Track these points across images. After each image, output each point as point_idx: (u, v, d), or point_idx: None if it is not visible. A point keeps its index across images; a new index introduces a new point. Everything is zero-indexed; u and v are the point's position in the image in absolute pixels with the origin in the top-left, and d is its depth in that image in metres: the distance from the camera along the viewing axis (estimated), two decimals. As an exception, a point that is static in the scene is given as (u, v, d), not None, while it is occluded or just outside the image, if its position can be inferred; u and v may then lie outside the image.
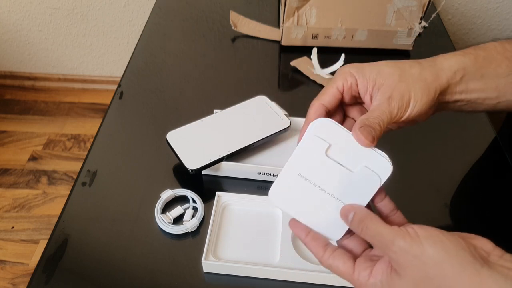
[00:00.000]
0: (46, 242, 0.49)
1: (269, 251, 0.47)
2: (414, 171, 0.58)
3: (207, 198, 0.53)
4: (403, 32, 0.77)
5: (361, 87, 0.41)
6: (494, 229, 0.53)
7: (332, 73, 0.72)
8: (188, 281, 0.46)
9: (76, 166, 1.41)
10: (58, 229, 0.50)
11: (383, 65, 0.41)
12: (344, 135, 0.37)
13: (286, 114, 0.60)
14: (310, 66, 0.74)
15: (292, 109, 0.61)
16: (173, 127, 0.57)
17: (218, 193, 0.51)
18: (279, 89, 0.73)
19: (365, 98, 0.41)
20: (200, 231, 0.50)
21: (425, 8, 0.75)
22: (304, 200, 0.38)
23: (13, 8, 1.45)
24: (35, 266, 0.47)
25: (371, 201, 0.38)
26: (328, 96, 0.41)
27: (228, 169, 0.55)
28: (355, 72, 0.41)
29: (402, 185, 0.57)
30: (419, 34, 0.77)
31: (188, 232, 0.50)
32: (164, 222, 0.50)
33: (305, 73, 0.74)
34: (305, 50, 0.77)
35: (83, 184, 0.55)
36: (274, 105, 0.61)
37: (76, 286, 0.45)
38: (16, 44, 1.56)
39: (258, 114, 0.60)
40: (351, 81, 0.40)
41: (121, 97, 0.69)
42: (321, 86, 0.72)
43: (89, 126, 1.55)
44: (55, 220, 0.51)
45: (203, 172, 0.55)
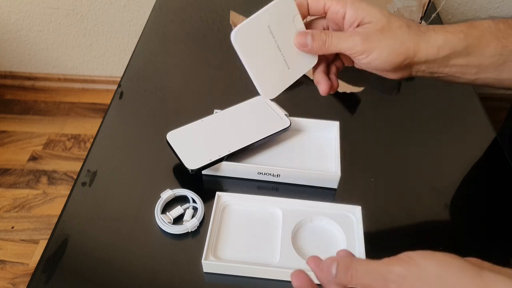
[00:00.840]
0: (46, 242, 0.49)
1: (269, 251, 0.47)
2: (414, 171, 0.58)
3: (207, 198, 0.53)
4: (403, 32, 0.77)
5: (347, 20, 0.43)
6: (494, 229, 0.53)
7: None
8: (188, 281, 0.46)
9: (76, 166, 1.41)
10: (58, 229, 0.50)
11: (377, 10, 0.42)
12: None
13: (286, 114, 0.60)
14: (310, 66, 0.74)
15: (292, 109, 0.61)
16: (173, 127, 0.57)
17: (218, 193, 0.51)
18: (279, 89, 0.73)
19: (344, 26, 0.44)
20: (200, 231, 0.50)
21: (425, 8, 0.75)
22: (261, 51, 0.41)
23: (13, 8, 1.45)
24: (35, 266, 0.47)
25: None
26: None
27: (228, 169, 0.55)
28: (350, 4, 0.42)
29: (402, 185, 0.57)
30: (419, 34, 0.77)
31: (188, 232, 0.50)
32: (164, 222, 0.50)
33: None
34: (305, 50, 0.77)
35: (83, 184, 0.55)
36: (274, 105, 0.61)
37: (76, 286, 0.45)
38: (16, 44, 1.56)
39: (258, 114, 0.60)
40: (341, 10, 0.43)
41: (121, 97, 0.69)
42: (321, 86, 0.72)
43: (89, 126, 1.55)
44: (55, 220, 0.51)
45: (203, 172, 0.55)
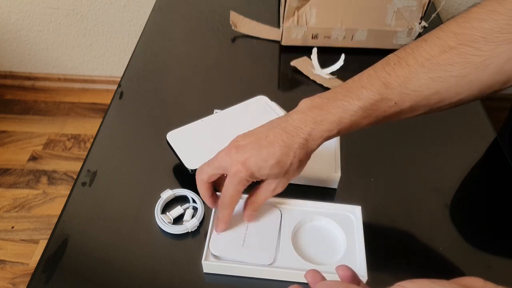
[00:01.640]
0: (46, 242, 0.49)
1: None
2: (414, 171, 0.58)
3: (207, 198, 0.53)
4: (403, 32, 0.77)
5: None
6: (494, 229, 0.53)
7: (332, 73, 0.72)
8: (188, 281, 0.46)
9: (76, 166, 1.41)
10: (58, 229, 0.50)
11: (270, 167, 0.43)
12: None
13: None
14: (310, 66, 0.74)
15: (292, 109, 0.61)
16: (173, 127, 0.57)
17: (218, 193, 0.51)
18: (279, 89, 0.73)
19: None
20: (200, 231, 0.50)
21: (425, 8, 0.75)
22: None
23: (13, 8, 1.45)
24: (35, 266, 0.47)
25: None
26: (236, 200, 0.46)
27: (228, 169, 0.55)
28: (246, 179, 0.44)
29: (402, 185, 0.57)
30: (419, 34, 0.77)
31: (188, 232, 0.50)
32: (164, 222, 0.50)
33: (305, 73, 0.74)
34: (305, 50, 0.77)
35: (83, 184, 0.55)
36: (274, 105, 0.61)
37: (76, 286, 0.45)
38: (16, 44, 1.56)
39: (258, 114, 0.60)
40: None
41: (121, 97, 0.69)
42: (321, 86, 0.72)
43: (89, 126, 1.55)
44: (55, 220, 0.51)
45: (203, 172, 0.55)
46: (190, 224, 0.49)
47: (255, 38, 0.83)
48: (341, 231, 0.49)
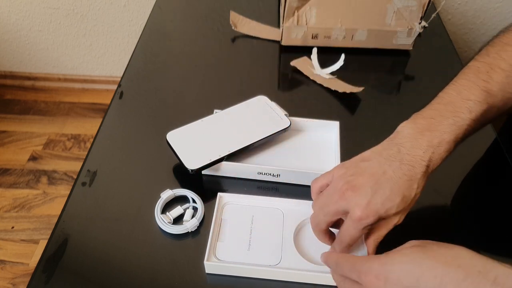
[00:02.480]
0: (46, 242, 0.49)
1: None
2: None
3: (207, 198, 0.53)
4: (403, 32, 0.77)
5: None
6: (494, 229, 0.53)
7: (332, 73, 0.72)
8: (188, 281, 0.46)
9: (76, 166, 1.41)
10: (58, 229, 0.50)
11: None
12: None
13: (286, 114, 0.60)
14: (310, 66, 0.74)
15: (292, 109, 0.61)
16: (173, 127, 0.57)
17: (219, 194, 0.51)
18: (279, 89, 0.73)
19: None
20: (200, 231, 0.50)
21: (425, 8, 0.75)
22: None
23: (13, 8, 1.45)
24: (35, 266, 0.47)
25: None
26: (354, 241, 0.43)
27: (228, 169, 0.55)
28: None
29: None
30: (419, 34, 0.77)
31: (188, 232, 0.50)
32: (164, 222, 0.50)
33: (305, 73, 0.74)
34: (305, 50, 0.77)
35: (83, 184, 0.55)
36: (274, 105, 0.61)
37: (76, 286, 0.45)
38: (16, 44, 1.56)
39: (258, 114, 0.60)
40: None
41: (121, 97, 0.69)
42: (321, 86, 0.72)
43: (89, 126, 1.55)
44: (55, 220, 0.51)
45: (203, 172, 0.55)
46: (190, 224, 0.49)
47: (255, 38, 0.83)
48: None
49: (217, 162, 0.54)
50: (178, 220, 0.51)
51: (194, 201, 0.53)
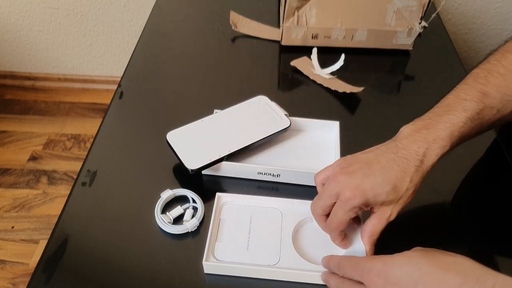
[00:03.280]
0: (46, 242, 0.49)
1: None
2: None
3: (207, 198, 0.53)
4: (403, 32, 0.77)
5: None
6: (494, 229, 0.53)
7: (332, 73, 0.72)
8: (188, 281, 0.46)
9: (76, 166, 1.41)
10: (58, 229, 0.50)
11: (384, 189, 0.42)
12: None
13: (286, 114, 0.60)
14: (310, 66, 0.74)
15: (292, 109, 0.61)
16: (173, 127, 0.57)
17: (218, 194, 0.51)
18: (279, 89, 0.73)
19: None
20: (200, 231, 0.50)
21: (425, 8, 0.75)
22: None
23: (13, 8, 1.45)
24: (35, 266, 0.47)
25: None
26: (344, 225, 0.44)
27: (228, 169, 0.55)
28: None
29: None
30: (419, 34, 0.77)
31: (188, 232, 0.50)
32: (164, 222, 0.50)
33: (305, 73, 0.74)
34: (305, 50, 0.77)
35: (83, 184, 0.55)
36: (274, 105, 0.61)
37: (76, 286, 0.45)
38: (16, 44, 1.56)
39: (258, 114, 0.60)
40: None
41: (121, 97, 0.69)
42: (321, 86, 0.72)
43: (89, 126, 1.55)
44: (55, 220, 0.51)
45: (203, 172, 0.55)
46: (190, 224, 0.49)
47: (255, 38, 0.83)
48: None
49: (217, 162, 0.54)
50: (178, 220, 0.51)
51: (194, 201, 0.53)
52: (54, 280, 0.45)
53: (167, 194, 0.52)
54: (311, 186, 0.55)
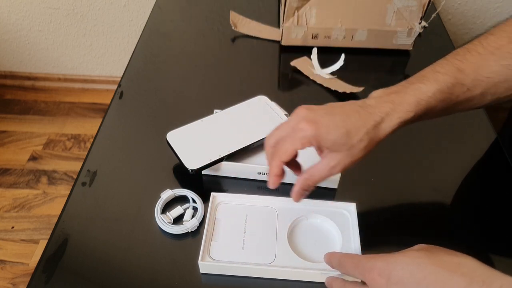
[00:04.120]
0: (46, 242, 0.49)
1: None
2: (414, 171, 0.58)
3: (207, 198, 0.53)
4: (403, 32, 0.77)
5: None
6: (494, 229, 0.53)
7: (332, 73, 0.72)
8: (188, 281, 0.46)
9: (76, 166, 1.41)
10: (58, 229, 0.50)
11: (338, 133, 0.41)
12: None
13: (286, 114, 0.60)
14: (310, 66, 0.74)
15: (292, 109, 0.61)
16: (173, 127, 0.57)
17: (213, 193, 0.51)
18: (279, 89, 0.73)
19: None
20: (200, 231, 0.50)
21: (425, 8, 0.75)
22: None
23: (13, 8, 1.45)
24: (35, 266, 0.47)
25: None
26: (287, 155, 0.43)
27: (228, 169, 0.55)
28: (315, 140, 0.42)
29: (402, 185, 0.57)
30: (419, 34, 0.77)
31: (188, 232, 0.50)
32: (164, 222, 0.50)
33: (305, 73, 0.74)
34: (305, 50, 0.77)
35: (83, 184, 0.55)
36: (274, 105, 0.61)
37: (76, 286, 0.45)
38: (16, 44, 1.56)
39: (258, 114, 0.60)
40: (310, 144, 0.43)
41: (121, 97, 0.69)
42: (321, 86, 0.72)
43: (89, 126, 1.55)
44: (55, 220, 0.51)
45: (203, 172, 0.55)
46: (190, 224, 0.49)
47: (255, 38, 0.83)
48: (336, 229, 0.49)
49: (217, 162, 0.54)
50: (178, 220, 0.51)
51: (194, 201, 0.53)
52: (54, 280, 0.45)
53: (167, 194, 0.52)
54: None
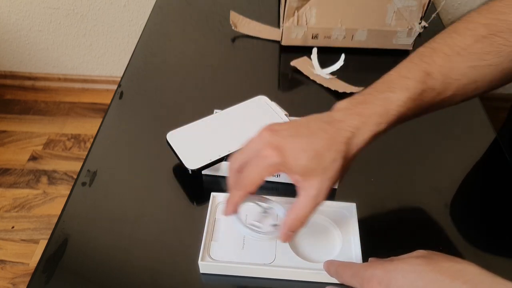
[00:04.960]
0: (46, 242, 0.49)
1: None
2: (414, 171, 0.58)
3: (207, 198, 0.53)
4: (403, 32, 0.77)
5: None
6: (494, 229, 0.53)
7: (332, 73, 0.72)
8: (188, 281, 0.46)
9: (76, 166, 1.41)
10: (58, 229, 0.50)
11: (301, 157, 0.38)
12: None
13: (286, 114, 0.60)
14: (310, 66, 0.74)
15: (292, 109, 0.61)
16: (173, 127, 0.57)
17: (212, 193, 0.51)
18: (279, 89, 0.73)
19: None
20: (199, 231, 0.50)
21: (425, 8, 0.75)
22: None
23: (13, 8, 1.45)
24: (35, 266, 0.47)
25: None
26: (254, 186, 0.40)
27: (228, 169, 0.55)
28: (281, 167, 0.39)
29: (402, 185, 0.57)
30: (419, 34, 0.77)
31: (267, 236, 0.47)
32: (256, 231, 0.45)
33: (305, 73, 0.74)
34: (305, 50, 0.77)
35: (83, 184, 0.55)
36: (274, 105, 0.61)
37: (76, 286, 0.45)
38: (16, 44, 1.56)
39: (258, 114, 0.60)
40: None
41: (121, 97, 0.69)
42: (321, 86, 0.72)
43: (89, 126, 1.55)
44: (55, 220, 0.51)
45: (203, 172, 0.55)
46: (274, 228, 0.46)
47: (255, 38, 0.83)
48: (336, 229, 0.49)
49: (217, 162, 0.54)
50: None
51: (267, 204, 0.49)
52: (54, 280, 0.45)
53: (248, 203, 0.48)
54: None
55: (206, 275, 0.46)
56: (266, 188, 0.55)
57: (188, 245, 0.49)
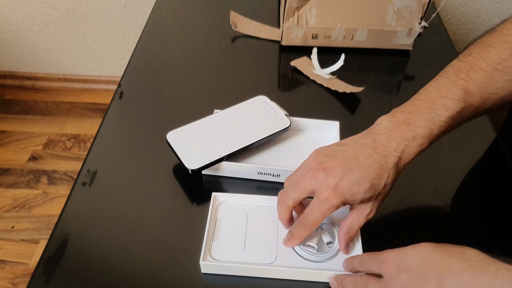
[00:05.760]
0: (46, 242, 0.49)
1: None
2: (414, 171, 0.58)
3: (207, 198, 0.53)
4: (403, 32, 0.77)
5: None
6: (494, 229, 0.53)
7: (332, 73, 0.72)
8: (188, 281, 0.46)
9: (76, 166, 1.41)
10: (58, 229, 0.50)
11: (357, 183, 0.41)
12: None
13: (286, 114, 0.60)
14: (310, 66, 0.74)
15: (292, 109, 0.61)
16: (173, 127, 0.57)
17: (213, 193, 0.51)
18: (279, 89, 0.73)
19: None
20: (199, 231, 0.50)
21: (425, 8, 0.75)
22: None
23: (13, 8, 1.45)
24: (35, 266, 0.47)
25: None
26: (315, 225, 0.44)
27: (228, 169, 0.55)
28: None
29: (402, 185, 0.57)
30: (419, 34, 0.77)
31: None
32: (309, 251, 0.46)
33: (305, 73, 0.74)
34: (305, 50, 0.77)
35: (83, 184, 0.55)
36: (274, 105, 0.61)
37: (76, 286, 0.45)
38: (16, 44, 1.56)
39: (258, 114, 0.60)
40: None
41: (121, 97, 0.69)
42: (321, 86, 0.72)
43: (89, 126, 1.55)
44: (55, 220, 0.51)
45: (203, 172, 0.55)
46: (334, 246, 0.47)
47: (255, 38, 0.83)
48: (337, 229, 0.49)
49: (217, 162, 0.54)
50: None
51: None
52: (54, 280, 0.45)
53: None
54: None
55: (207, 275, 0.46)
56: (266, 188, 0.56)
57: (188, 245, 0.49)
